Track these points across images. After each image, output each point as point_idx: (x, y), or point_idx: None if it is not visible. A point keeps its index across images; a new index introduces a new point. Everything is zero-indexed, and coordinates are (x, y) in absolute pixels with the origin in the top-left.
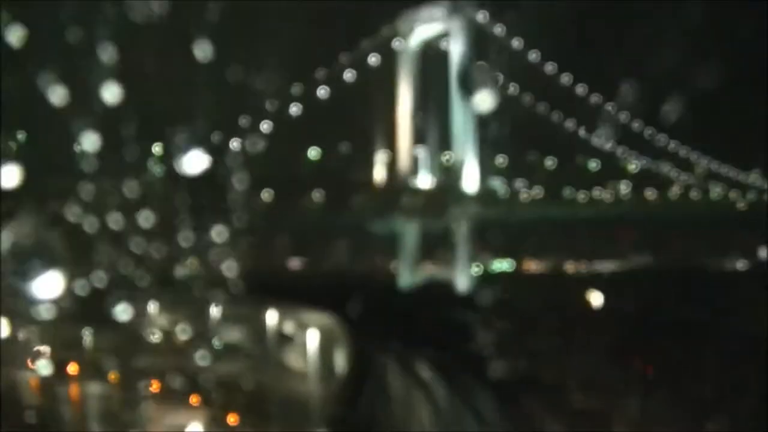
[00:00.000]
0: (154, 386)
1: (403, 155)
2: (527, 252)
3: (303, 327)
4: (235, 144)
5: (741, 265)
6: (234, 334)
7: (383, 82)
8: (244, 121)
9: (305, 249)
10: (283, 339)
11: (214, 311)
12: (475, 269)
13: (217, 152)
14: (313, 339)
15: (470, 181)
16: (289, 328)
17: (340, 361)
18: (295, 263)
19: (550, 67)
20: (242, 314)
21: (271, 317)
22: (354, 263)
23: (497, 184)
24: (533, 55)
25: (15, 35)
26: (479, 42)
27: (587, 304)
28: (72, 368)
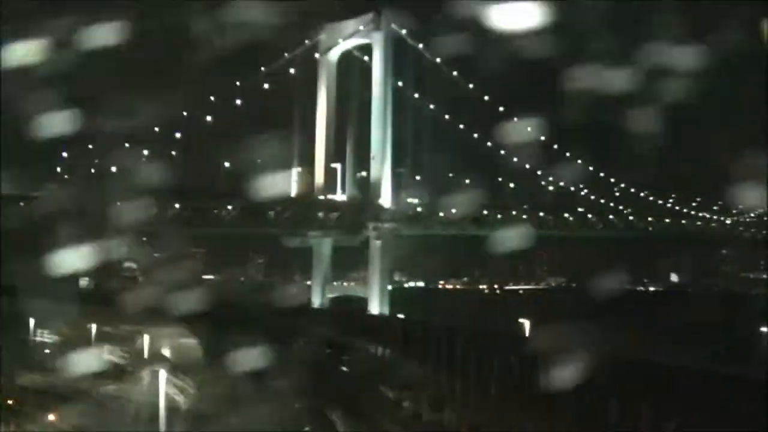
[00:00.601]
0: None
1: (320, 169)
2: (443, 270)
3: (173, 351)
4: (146, 153)
5: (653, 287)
6: (111, 354)
7: (303, 95)
8: (157, 129)
9: (220, 262)
10: (155, 359)
11: (96, 329)
12: (390, 286)
13: (128, 161)
14: (165, 366)
15: (387, 198)
16: (158, 350)
17: (192, 383)
18: (210, 277)
19: (471, 86)
20: (123, 334)
21: (147, 338)
22: (270, 278)
23: (415, 202)
24: (455, 73)
25: None
26: (401, 57)
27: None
28: None
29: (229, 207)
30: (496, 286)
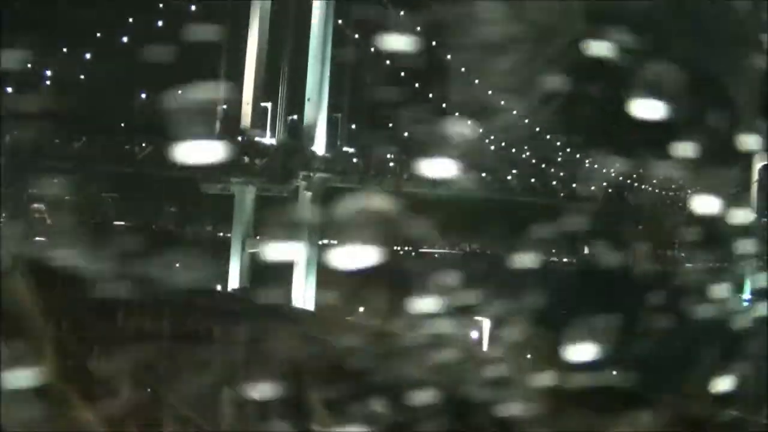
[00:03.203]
0: None
1: (247, 108)
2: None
3: None
4: (49, 73)
5: (567, 258)
6: None
7: (233, 23)
8: (64, 50)
9: (132, 210)
10: None
11: None
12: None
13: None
14: None
15: (322, 145)
16: None
17: None
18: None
19: (418, 28)
20: None
21: None
22: (185, 229)
23: (351, 151)
24: (401, 13)
25: None
26: None
27: None
28: None
29: (143, 144)
30: (410, 248)
